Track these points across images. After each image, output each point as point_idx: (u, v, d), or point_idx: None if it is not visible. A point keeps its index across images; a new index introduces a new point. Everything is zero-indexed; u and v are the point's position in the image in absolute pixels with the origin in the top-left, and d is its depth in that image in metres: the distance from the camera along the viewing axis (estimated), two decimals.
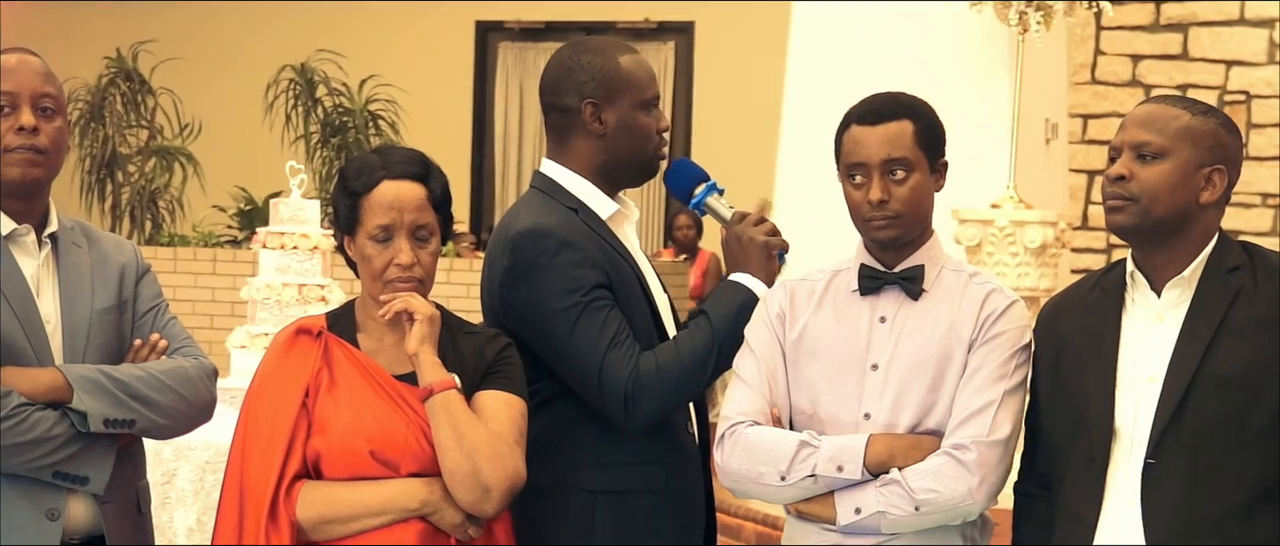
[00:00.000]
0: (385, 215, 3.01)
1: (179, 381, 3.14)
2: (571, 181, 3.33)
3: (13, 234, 3.08)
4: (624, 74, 3.31)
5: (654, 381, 3.15)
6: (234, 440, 3.04)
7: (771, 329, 3.14)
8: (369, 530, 2.94)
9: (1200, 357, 2.86)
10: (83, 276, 3.16)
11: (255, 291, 7.40)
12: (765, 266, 3.28)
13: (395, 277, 3.01)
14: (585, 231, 3.24)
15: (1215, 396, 2.84)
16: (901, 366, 3.04)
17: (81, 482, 3.04)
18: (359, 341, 3.08)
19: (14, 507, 2.99)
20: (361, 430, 2.97)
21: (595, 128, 3.31)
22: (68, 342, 3.10)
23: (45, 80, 3.10)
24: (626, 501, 3.23)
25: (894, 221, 3.06)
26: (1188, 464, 2.84)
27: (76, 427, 3.00)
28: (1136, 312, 2.98)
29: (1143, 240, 2.96)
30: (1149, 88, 10.02)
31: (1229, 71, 9.87)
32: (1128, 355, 2.95)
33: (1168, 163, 2.90)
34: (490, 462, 2.91)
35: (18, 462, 2.95)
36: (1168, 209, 2.91)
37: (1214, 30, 9.91)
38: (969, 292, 3.09)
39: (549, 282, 3.17)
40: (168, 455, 6.30)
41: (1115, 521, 2.90)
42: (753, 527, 7.23)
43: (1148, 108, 3.00)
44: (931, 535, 3.03)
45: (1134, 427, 2.91)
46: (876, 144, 3.06)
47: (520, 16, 12.98)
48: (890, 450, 2.99)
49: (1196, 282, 2.93)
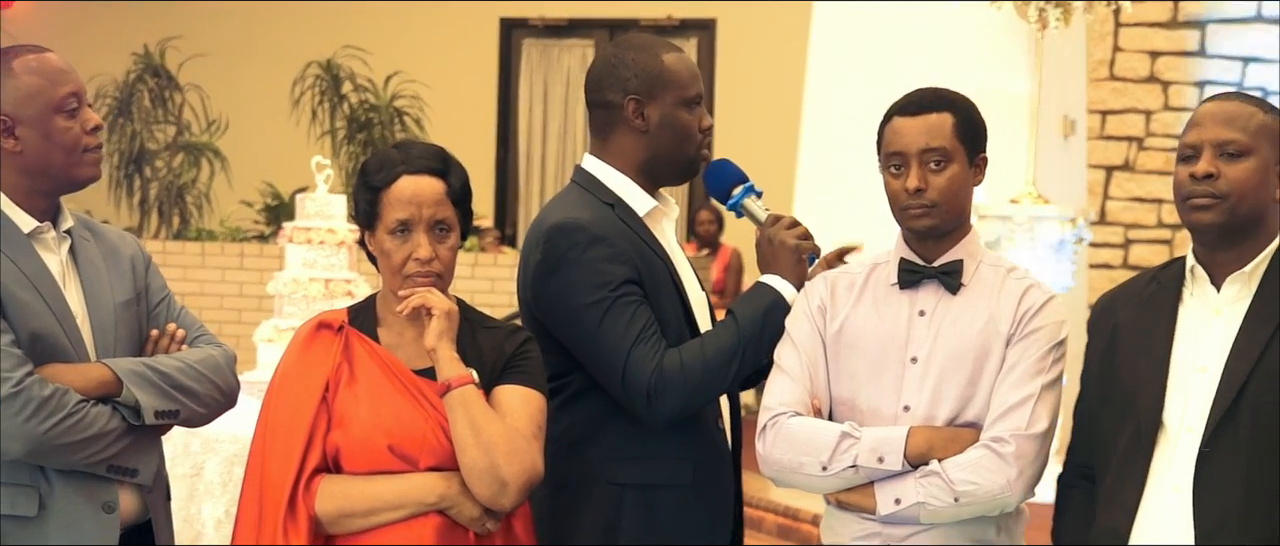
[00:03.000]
0: (404, 210, 3.00)
1: (212, 370, 3.17)
2: (611, 177, 3.32)
3: (35, 231, 3.08)
4: (668, 71, 3.30)
5: (677, 378, 3.13)
6: (255, 434, 3.04)
7: (812, 321, 3.15)
8: (387, 524, 2.93)
9: (1260, 351, 2.86)
10: (99, 270, 3.16)
11: (282, 286, 7.40)
12: (795, 269, 3.26)
13: (414, 272, 3.00)
14: (619, 226, 3.23)
15: (1272, 390, 2.82)
16: (940, 359, 3.05)
17: (132, 474, 3.08)
18: (379, 336, 3.06)
19: (70, 503, 3.01)
20: (380, 425, 2.95)
21: (638, 124, 3.29)
22: (97, 336, 3.10)
23: (80, 77, 3.14)
24: (653, 496, 3.21)
25: (931, 210, 3.07)
26: (1243, 453, 2.83)
27: (128, 421, 3.02)
28: (1194, 305, 2.98)
29: (1222, 236, 2.94)
30: (1166, 84, 10.02)
31: (1246, 68, 9.88)
32: (1182, 346, 2.95)
33: (1252, 160, 2.91)
34: (507, 457, 2.88)
35: (77, 458, 2.97)
36: (1252, 206, 2.92)
37: (1231, 27, 9.92)
38: (1007, 287, 3.10)
39: (579, 276, 3.16)
40: (196, 448, 6.30)
41: (1157, 506, 2.91)
42: (773, 519, 7.25)
43: (1224, 105, 2.97)
44: (967, 526, 3.04)
45: (1182, 416, 2.91)
46: (916, 133, 3.07)
47: (544, 14, 12.97)
48: (930, 442, 2.99)
49: (1259, 279, 2.93)
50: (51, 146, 3.05)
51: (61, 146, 3.05)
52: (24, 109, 3.03)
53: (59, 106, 3.04)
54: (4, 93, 3.04)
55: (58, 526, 2.99)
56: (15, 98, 3.03)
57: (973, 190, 3.14)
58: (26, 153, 3.04)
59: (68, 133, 3.05)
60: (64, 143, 3.05)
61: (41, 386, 2.91)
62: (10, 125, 3.03)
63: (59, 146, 3.05)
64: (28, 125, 3.03)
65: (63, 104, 3.05)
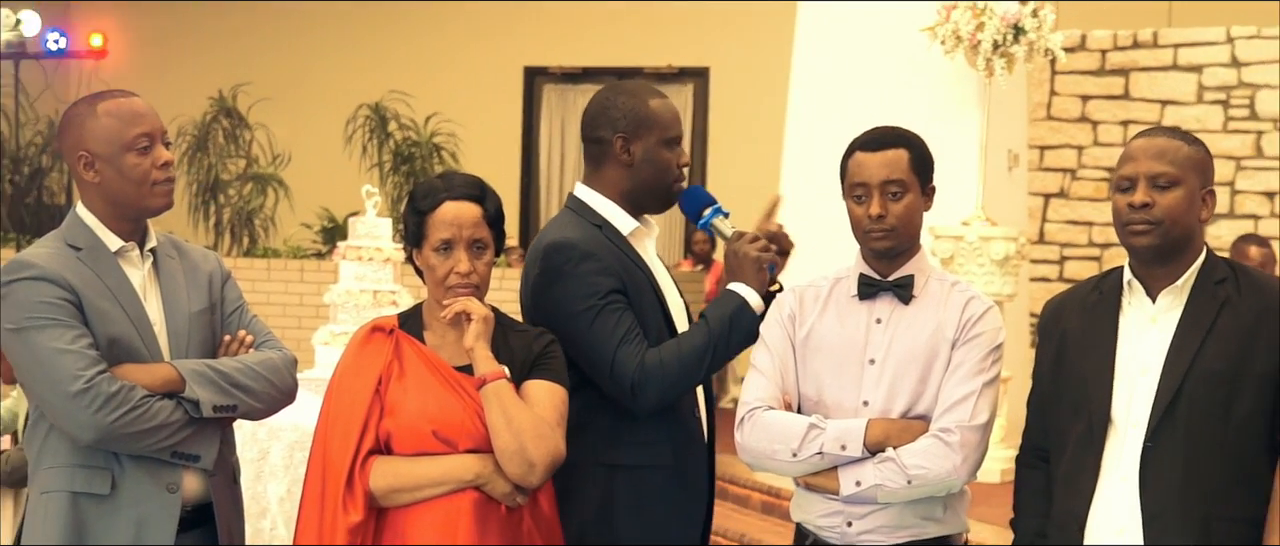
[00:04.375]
0: (447, 230, 3.01)
1: (270, 371, 3.15)
2: (599, 202, 3.31)
3: (121, 250, 3.09)
4: (652, 114, 3.29)
5: (657, 372, 3.13)
6: (318, 422, 3.04)
7: (784, 327, 3.14)
8: (431, 498, 2.93)
9: (1192, 356, 2.83)
10: (179, 284, 3.17)
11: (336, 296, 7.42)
12: (757, 277, 3.25)
13: (455, 284, 3.01)
14: (606, 245, 3.23)
15: (1204, 390, 2.82)
16: (895, 361, 3.04)
17: (194, 460, 3.06)
18: (425, 338, 3.07)
19: (139, 483, 3.00)
20: (426, 413, 2.96)
21: (624, 158, 3.29)
22: (173, 341, 3.10)
23: (158, 118, 3.13)
24: (639, 474, 3.21)
25: (889, 234, 3.06)
26: (1181, 447, 2.81)
27: (190, 414, 3.01)
28: (1133, 314, 2.95)
29: (1156, 256, 2.91)
30: (1095, 123, 10.00)
31: (1164, 110, 9.85)
32: (1124, 350, 2.92)
33: (1181, 189, 2.87)
34: (535, 441, 2.90)
35: (143, 445, 2.96)
36: (1182, 229, 2.88)
37: (1151, 75, 9.90)
38: (952, 299, 3.08)
39: (571, 287, 3.16)
40: (262, 435, 6.31)
41: (1109, 495, 2.89)
42: (758, 497, 7.22)
43: (1155, 141, 2.93)
44: (918, 504, 3.03)
45: (1127, 413, 2.89)
46: (877, 167, 3.05)
47: (562, 62, 12.98)
48: (886, 432, 2.99)
49: (1188, 291, 2.90)
50: (123, 179, 3.05)
51: (132, 180, 3.05)
52: (101, 147, 3.04)
53: (130, 145, 3.04)
54: (87, 132, 3.05)
55: (127, 503, 2.99)
56: (95, 136, 3.04)
57: (923, 215, 3.12)
58: (104, 184, 3.05)
59: (138, 168, 3.05)
60: (134, 177, 3.05)
61: (109, 383, 2.91)
62: (90, 160, 3.04)
63: (130, 180, 3.05)
64: (104, 161, 3.04)
65: (134, 143, 3.05)
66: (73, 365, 2.89)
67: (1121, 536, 2.85)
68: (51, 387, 2.91)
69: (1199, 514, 2.79)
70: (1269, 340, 2.82)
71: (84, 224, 3.08)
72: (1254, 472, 2.81)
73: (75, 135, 3.07)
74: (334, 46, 13.01)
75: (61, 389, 2.89)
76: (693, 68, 12.61)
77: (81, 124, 3.07)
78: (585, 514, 3.17)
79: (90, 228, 3.08)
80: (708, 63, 12.51)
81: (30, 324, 2.92)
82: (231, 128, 11.63)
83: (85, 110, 3.08)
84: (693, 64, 12.58)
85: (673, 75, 12.56)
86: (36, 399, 3.00)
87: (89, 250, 3.05)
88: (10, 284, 2.95)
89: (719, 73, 12.50)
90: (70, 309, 2.94)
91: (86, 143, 3.05)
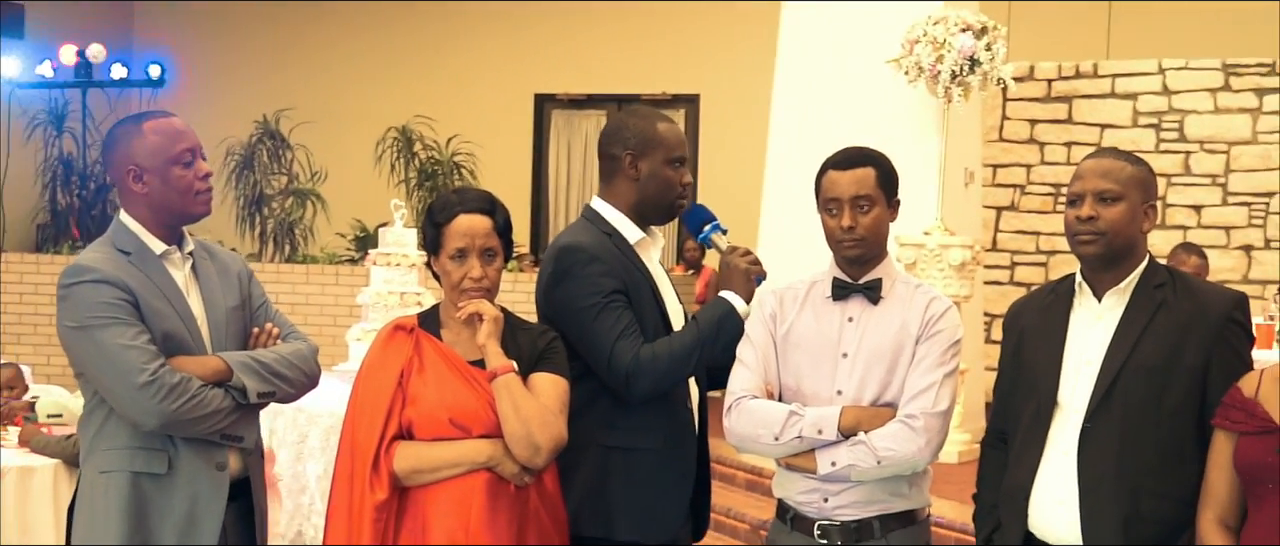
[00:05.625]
0: (461, 240, 3.01)
1: (300, 360, 3.19)
2: (610, 213, 3.30)
3: (165, 253, 3.09)
4: (659, 135, 3.29)
5: (650, 365, 3.12)
6: (347, 410, 3.04)
7: (766, 326, 3.14)
8: (448, 478, 2.93)
9: (1130, 350, 2.84)
10: (214, 283, 3.17)
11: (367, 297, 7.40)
12: (745, 287, 3.25)
13: (469, 288, 3.01)
14: (612, 251, 3.21)
15: (1139, 380, 2.82)
16: (865, 355, 3.04)
17: (239, 441, 3.09)
18: (442, 335, 3.07)
19: (192, 463, 3.02)
20: (443, 403, 2.95)
21: (631, 173, 3.28)
22: (213, 333, 3.11)
23: (196, 135, 3.14)
24: (632, 456, 3.19)
25: (859, 243, 3.05)
26: (1116, 429, 2.82)
27: (237, 400, 3.02)
28: (1082, 313, 2.95)
29: (1102, 263, 2.91)
30: (1042, 144, 10.00)
31: (1103, 132, 9.86)
32: (1073, 344, 2.92)
33: (1124, 204, 2.88)
34: (540, 428, 2.90)
35: (199, 430, 2.99)
36: (1125, 239, 2.88)
37: (1091, 101, 9.92)
38: (916, 299, 3.08)
39: (578, 286, 3.15)
40: (302, 421, 6.29)
41: (1051, 468, 2.89)
42: (743, 476, 7.20)
43: (1101, 161, 2.93)
44: (886, 482, 3.04)
45: (1072, 398, 2.89)
46: (847, 183, 3.05)
47: (569, 90, 12.95)
48: (858, 418, 2.99)
49: (1130, 294, 2.90)
50: (170, 189, 3.05)
51: (177, 189, 3.06)
52: (150, 161, 3.04)
53: (176, 159, 3.05)
54: (134, 148, 3.05)
55: (182, 481, 3.01)
56: (143, 152, 3.04)
57: (889, 225, 3.11)
58: (151, 194, 3.05)
59: (182, 179, 3.06)
60: (179, 187, 3.06)
61: (171, 375, 2.92)
62: (139, 172, 3.04)
63: (175, 189, 3.06)
64: (152, 173, 3.04)
65: (179, 157, 3.05)
66: (138, 360, 2.89)
67: (1061, 506, 2.86)
68: (119, 380, 2.90)
69: (1130, 488, 2.80)
70: (1199, 339, 2.82)
71: (130, 230, 3.08)
72: (1181, 454, 2.81)
73: (123, 151, 3.06)
74: (366, 76, 13.00)
75: (129, 381, 2.89)
76: (685, 94, 12.59)
77: (129, 141, 3.06)
78: (583, 489, 3.16)
79: (135, 234, 3.07)
80: (698, 90, 12.50)
81: (94, 322, 2.91)
82: (275, 148, 11.59)
83: (132, 129, 3.07)
84: (685, 91, 12.56)
85: (667, 101, 12.53)
86: (102, 389, 2.98)
87: (137, 254, 3.04)
88: (73, 286, 2.95)
89: (708, 99, 12.49)
90: (129, 308, 2.93)
91: (135, 157, 3.05)
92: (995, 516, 2.99)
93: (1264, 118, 9.47)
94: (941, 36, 7.13)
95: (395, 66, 12.97)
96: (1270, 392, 2.71)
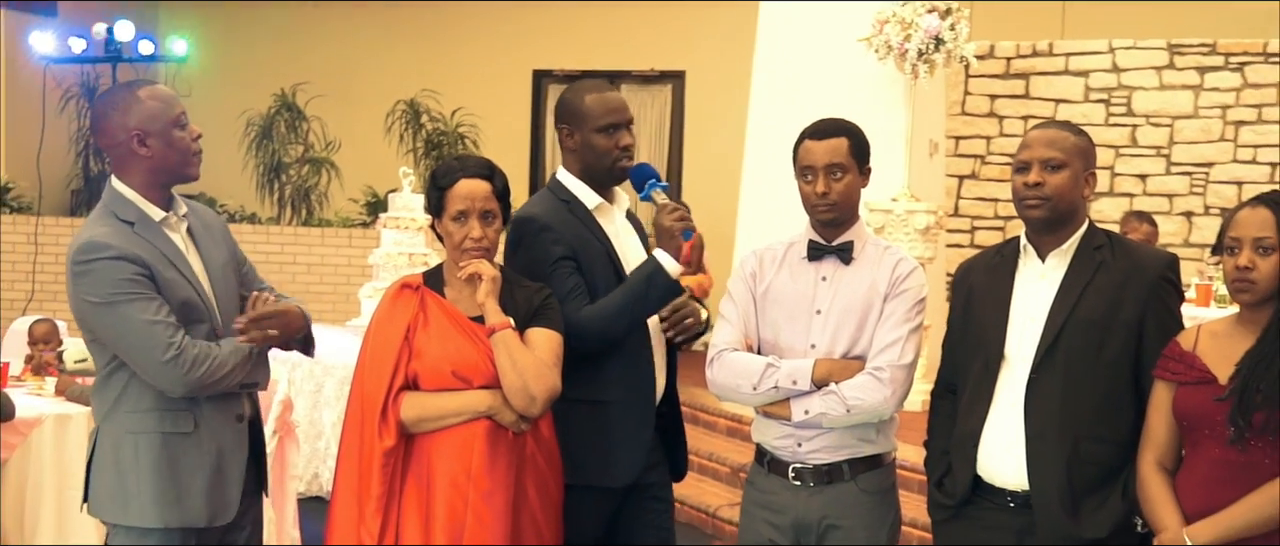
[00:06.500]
0: (462, 203, 2.99)
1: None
2: (570, 181, 3.28)
3: (164, 220, 3.00)
4: (584, 107, 3.25)
5: (588, 324, 3.09)
6: (357, 363, 3.03)
7: (746, 283, 3.14)
8: (451, 426, 2.92)
9: (1072, 306, 2.84)
10: (206, 242, 3.09)
11: (378, 258, 7.39)
12: (672, 243, 3.16)
13: (469, 247, 2.99)
14: (567, 218, 3.19)
15: (1080, 334, 2.82)
16: (837, 312, 3.04)
17: (255, 385, 3.06)
18: (445, 293, 3.05)
19: (214, 418, 2.99)
20: (446, 356, 2.94)
21: (571, 145, 3.28)
22: (216, 290, 3.04)
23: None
24: (592, 407, 3.15)
25: (833, 208, 3.05)
26: (1059, 379, 2.82)
27: (250, 351, 2.98)
28: (1027, 272, 2.95)
29: (1046, 226, 2.90)
30: (1001, 118, 9.98)
31: (1057, 107, 9.85)
32: (1018, 301, 2.92)
33: (1067, 172, 2.87)
34: (536, 379, 2.89)
35: (221, 387, 2.94)
36: (1068, 204, 2.88)
37: (1047, 78, 9.90)
38: (884, 260, 3.08)
39: (529, 253, 3.15)
40: (318, 372, 6.29)
41: (1000, 417, 2.90)
42: (724, 423, 7.22)
43: (1047, 131, 2.92)
44: (855, 429, 3.04)
45: (1018, 352, 2.88)
46: (822, 152, 3.03)
47: (564, 65, 12.87)
48: (829, 370, 2.99)
49: (1071, 255, 2.90)
50: (171, 151, 2.96)
51: (178, 151, 2.97)
52: (151, 124, 2.94)
53: (175, 122, 2.96)
54: (135, 113, 2.93)
55: (206, 436, 2.97)
56: (143, 116, 2.94)
57: (861, 192, 3.10)
58: (154, 157, 2.95)
59: (182, 141, 2.98)
60: (180, 148, 2.97)
61: (192, 346, 2.87)
62: (144, 136, 2.94)
63: (176, 151, 2.97)
64: (155, 136, 2.94)
65: (178, 120, 2.97)
66: (163, 335, 2.84)
67: (1008, 452, 2.87)
68: (145, 354, 2.85)
69: (1071, 435, 2.80)
70: (1135, 296, 2.82)
71: (126, 199, 2.97)
72: (1119, 403, 2.82)
73: (123, 118, 2.94)
74: (376, 52, 12.91)
75: (155, 356, 2.84)
76: (672, 71, 12.52)
77: (129, 108, 2.95)
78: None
79: (133, 202, 2.97)
80: (684, 66, 12.44)
81: (118, 298, 2.84)
82: (292, 119, 11.52)
83: (128, 96, 2.96)
84: (671, 68, 12.50)
85: (655, 77, 12.47)
86: (128, 361, 2.91)
87: (140, 224, 2.95)
88: (92, 262, 2.86)
89: (693, 74, 12.43)
90: (147, 283, 2.87)
91: (140, 122, 2.94)
92: (946, 461, 2.99)
93: (1204, 94, 9.47)
94: (909, 17, 7.11)
95: (404, 44, 12.89)
96: (1207, 346, 2.73)
